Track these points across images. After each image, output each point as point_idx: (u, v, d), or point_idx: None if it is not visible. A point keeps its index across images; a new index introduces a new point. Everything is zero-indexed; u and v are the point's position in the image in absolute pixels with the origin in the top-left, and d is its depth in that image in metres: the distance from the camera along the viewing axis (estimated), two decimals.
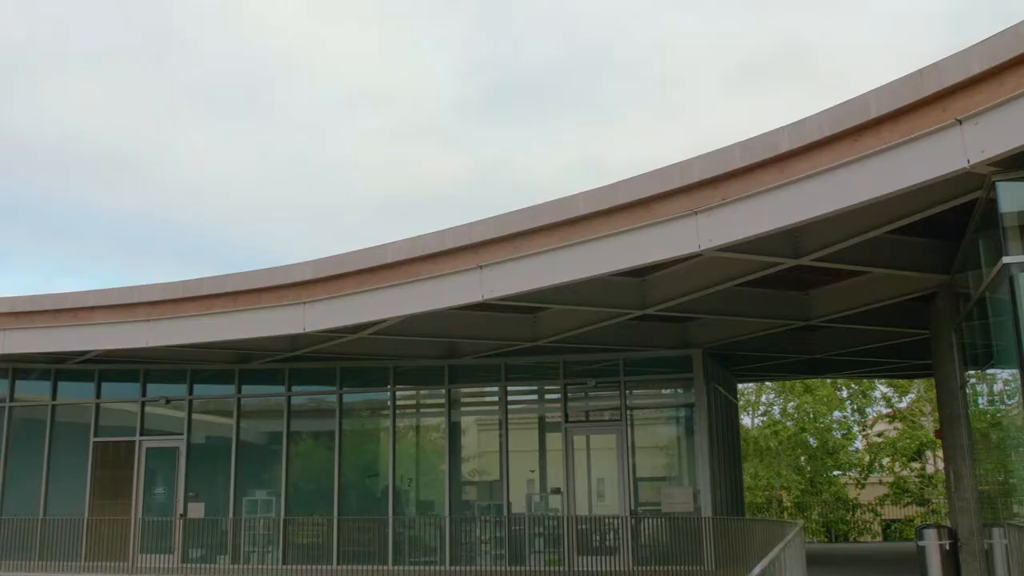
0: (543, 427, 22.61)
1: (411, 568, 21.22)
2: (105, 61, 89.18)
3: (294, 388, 23.59)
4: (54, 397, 24.70)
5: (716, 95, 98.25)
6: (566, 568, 20.06)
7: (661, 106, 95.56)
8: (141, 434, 24.04)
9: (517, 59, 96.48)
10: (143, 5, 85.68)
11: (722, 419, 23.73)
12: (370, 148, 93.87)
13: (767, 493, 38.59)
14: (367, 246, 17.81)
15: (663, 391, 23.12)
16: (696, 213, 13.07)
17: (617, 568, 19.87)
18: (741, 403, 36.62)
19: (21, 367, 24.87)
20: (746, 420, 41.23)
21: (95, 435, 24.21)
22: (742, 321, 19.53)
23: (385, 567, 21.47)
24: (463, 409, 23.34)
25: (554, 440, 22.02)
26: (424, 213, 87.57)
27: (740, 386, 33.78)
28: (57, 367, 24.48)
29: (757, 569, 8.00)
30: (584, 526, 20.97)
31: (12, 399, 24.97)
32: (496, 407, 22.89)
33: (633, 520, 20.66)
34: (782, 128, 12.15)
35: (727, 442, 24.68)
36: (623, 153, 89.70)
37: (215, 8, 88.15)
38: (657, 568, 19.00)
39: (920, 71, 10.65)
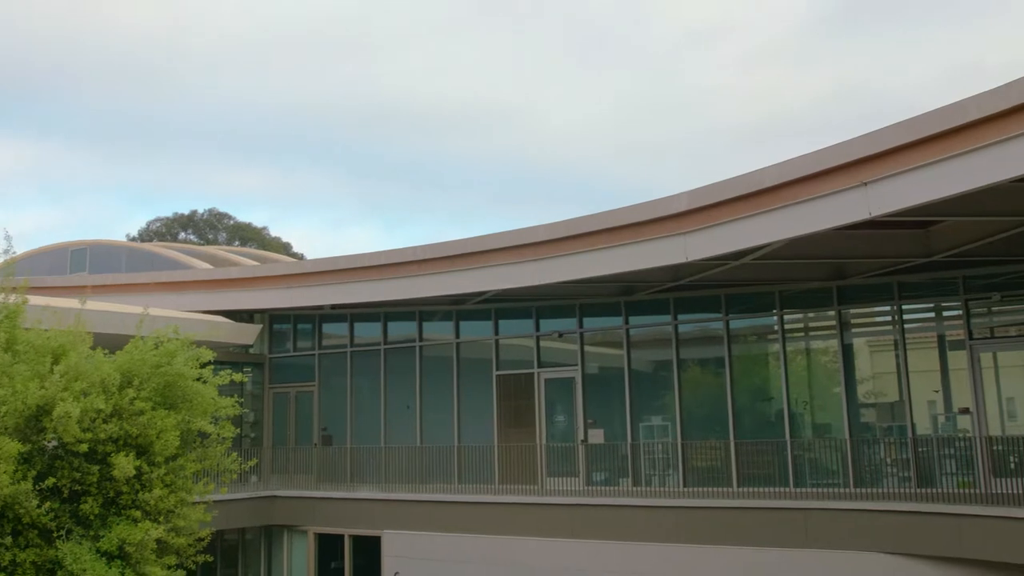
0: (943, 345, 21.34)
1: (813, 491, 20.87)
2: (459, 25, 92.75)
3: (680, 317, 23.81)
4: (457, 336, 26.63)
5: None
6: (981, 491, 18.95)
7: None
8: (539, 366, 25.32)
9: None
10: None
11: None
12: (723, 78, 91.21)
13: None
14: (739, 174, 17.58)
15: None
16: None
17: None
18: None
19: (426, 310, 26.92)
20: None
21: (497, 369, 25.88)
22: None
23: (786, 489, 21.31)
24: (854, 331, 22.49)
25: (956, 359, 20.76)
26: (785, 137, 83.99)
27: None
28: (457, 308, 26.25)
29: None
30: (999, 447, 19.67)
31: (421, 339, 27.18)
32: (890, 327, 21.91)
33: None
34: None
35: None
36: (997, 56, 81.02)
37: None
38: None
39: None
